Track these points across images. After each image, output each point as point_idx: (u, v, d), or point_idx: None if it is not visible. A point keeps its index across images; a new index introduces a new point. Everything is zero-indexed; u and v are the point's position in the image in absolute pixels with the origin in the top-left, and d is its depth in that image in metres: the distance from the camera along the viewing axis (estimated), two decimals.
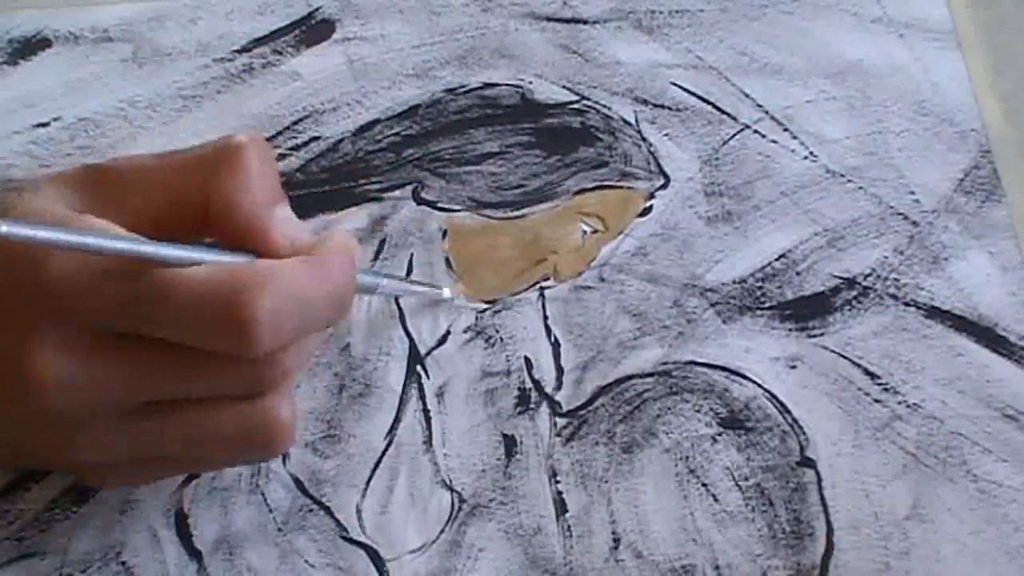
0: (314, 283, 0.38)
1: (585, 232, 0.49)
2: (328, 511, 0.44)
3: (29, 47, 0.54)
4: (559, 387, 0.46)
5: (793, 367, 0.46)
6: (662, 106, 0.52)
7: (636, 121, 0.52)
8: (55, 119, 0.52)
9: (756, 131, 0.52)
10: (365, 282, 0.44)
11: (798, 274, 0.48)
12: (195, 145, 0.40)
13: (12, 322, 0.37)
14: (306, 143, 0.51)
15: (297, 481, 0.44)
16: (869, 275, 0.48)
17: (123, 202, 0.39)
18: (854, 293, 0.48)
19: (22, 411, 0.38)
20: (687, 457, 0.45)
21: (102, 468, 0.41)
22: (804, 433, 0.45)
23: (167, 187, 0.39)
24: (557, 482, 0.44)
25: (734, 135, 0.52)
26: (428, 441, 0.45)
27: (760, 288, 0.48)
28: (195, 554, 0.43)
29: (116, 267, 0.36)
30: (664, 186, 0.50)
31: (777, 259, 0.49)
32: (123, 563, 0.43)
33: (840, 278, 0.48)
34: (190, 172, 0.39)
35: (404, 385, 0.46)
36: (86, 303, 0.36)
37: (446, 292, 0.48)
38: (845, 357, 0.47)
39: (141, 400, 0.38)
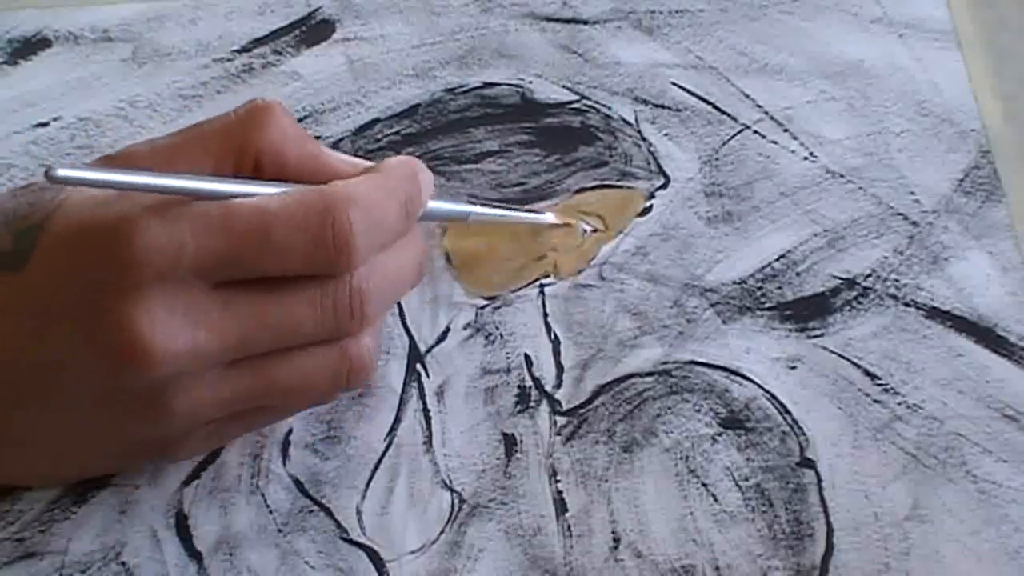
0: (385, 193, 0.40)
1: (585, 231, 0.49)
2: (328, 512, 0.44)
3: (29, 47, 0.54)
4: (559, 385, 0.46)
5: (793, 367, 0.46)
6: (662, 106, 0.52)
7: (636, 121, 0.52)
8: (55, 119, 0.52)
9: (756, 131, 0.52)
10: (456, 211, 0.45)
11: (798, 274, 0.48)
12: (203, 122, 0.40)
13: (107, 303, 0.36)
14: None
15: (297, 482, 0.44)
16: (869, 275, 0.48)
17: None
18: (854, 293, 0.48)
19: (118, 399, 0.38)
20: (687, 457, 0.45)
21: (191, 435, 0.41)
22: (804, 433, 0.45)
23: (202, 152, 0.39)
24: (557, 481, 0.44)
25: (734, 135, 0.52)
26: (428, 441, 0.45)
27: (760, 288, 0.48)
28: (195, 555, 0.43)
29: (205, 216, 0.37)
30: (664, 186, 0.50)
31: (777, 259, 0.49)
32: (123, 563, 0.43)
33: (840, 278, 0.48)
34: (225, 135, 0.40)
35: (404, 384, 0.46)
36: (186, 257, 0.36)
37: (549, 216, 0.48)
38: (845, 358, 0.47)
39: (244, 353, 0.39)
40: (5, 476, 0.43)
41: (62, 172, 0.33)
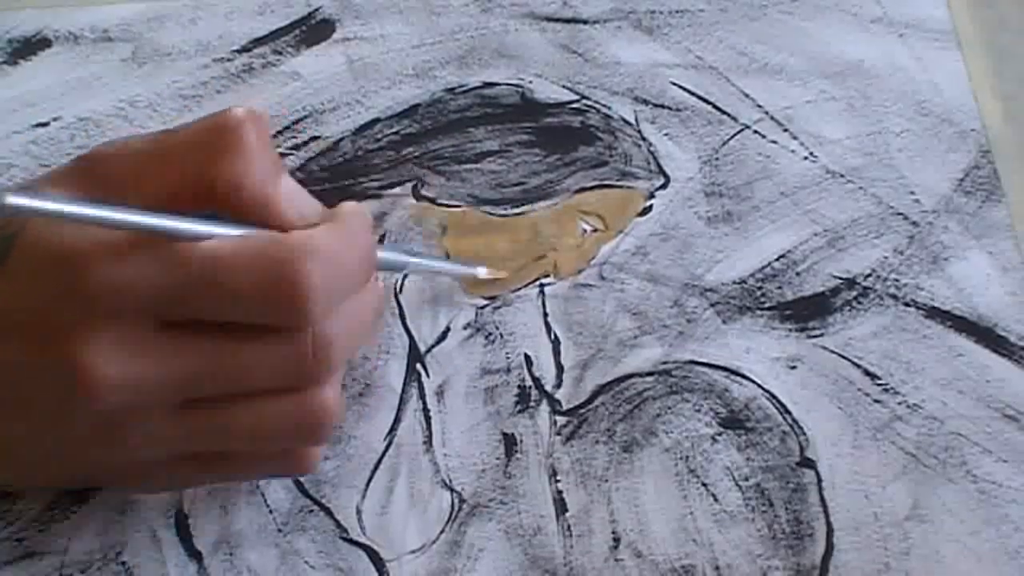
0: (344, 246, 0.38)
1: (585, 231, 0.49)
2: (328, 512, 0.44)
3: (29, 47, 0.54)
4: (559, 385, 0.46)
5: (793, 367, 0.46)
6: (662, 106, 0.52)
7: (636, 121, 0.52)
8: (55, 119, 0.52)
9: (756, 131, 0.52)
10: (396, 260, 0.44)
11: (798, 274, 0.48)
12: (190, 123, 0.40)
13: (56, 331, 0.36)
14: (306, 143, 0.51)
15: (297, 482, 0.44)
16: (869, 275, 0.48)
17: (123, 192, 0.38)
18: (854, 293, 0.48)
19: (73, 420, 0.38)
20: (687, 457, 0.45)
21: (153, 471, 0.40)
22: (804, 433, 0.45)
23: (167, 172, 0.39)
24: (557, 481, 0.44)
25: (734, 135, 0.52)
26: (428, 441, 0.45)
27: (760, 288, 0.48)
28: (195, 554, 0.43)
29: (159, 255, 0.36)
30: (664, 186, 0.50)
31: (777, 259, 0.49)
32: (123, 563, 0.43)
33: (840, 278, 0.48)
34: (189, 155, 0.39)
35: (404, 384, 0.46)
36: (136, 295, 0.36)
37: (481, 271, 0.47)
38: (845, 357, 0.47)
39: (194, 394, 0.38)
40: None
41: (13, 201, 0.31)
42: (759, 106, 0.52)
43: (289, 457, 0.42)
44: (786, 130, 0.52)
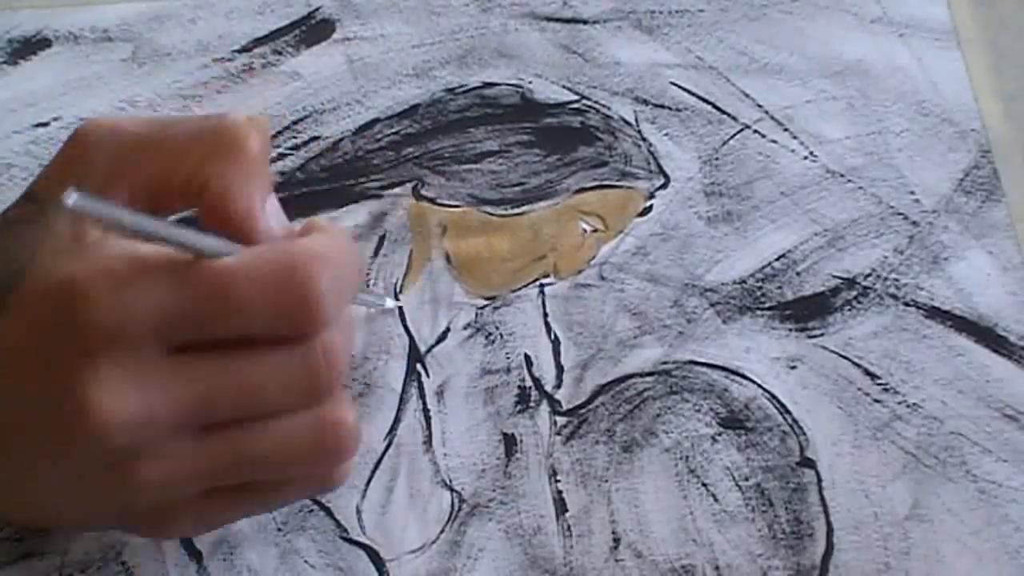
0: (342, 252, 0.38)
1: (585, 231, 0.49)
2: (328, 511, 0.44)
3: (29, 47, 0.54)
4: (559, 385, 0.46)
5: (793, 367, 0.46)
6: (662, 106, 0.52)
7: (636, 121, 0.52)
8: (55, 119, 0.52)
9: (756, 131, 0.52)
10: None
11: (798, 274, 0.48)
12: (190, 117, 0.39)
13: (60, 367, 0.35)
14: (306, 143, 0.51)
15: None
16: (869, 275, 0.48)
17: (112, 178, 0.38)
18: (854, 293, 0.48)
19: (85, 460, 0.37)
20: (687, 457, 0.45)
21: (178, 512, 0.39)
22: (804, 433, 0.45)
23: (161, 162, 0.38)
24: (557, 481, 0.44)
25: (734, 135, 0.52)
26: (428, 441, 0.45)
27: (760, 288, 0.48)
28: (195, 554, 0.43)
29: (161, 277, 0.35)
30: (664, 186, 0.50)
31: (777, 259, 0.49)
32: (123, 563, 0.43)
33: (840, 278, 0.48)
34: (187, 150, 0.38)
35: (404, 384, 0.46)
36: (143, 322, 0.35)
37: (389, 303, 0.47)
38: (845, 357, 0.47)
39: (208, 419, 0.37)
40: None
41: (74, 199, 0.32)
42: (759, 106, 0.52)
43: (316, 478, 0.41)
44: (786, 130, 0.52)
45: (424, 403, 0.46)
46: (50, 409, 0.36)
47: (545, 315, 0.47)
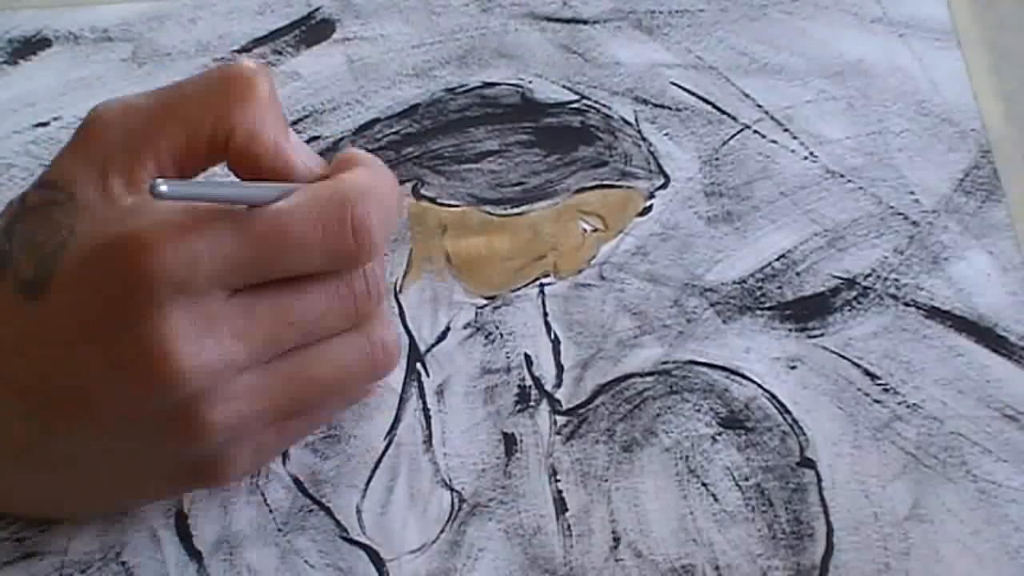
0: (383, 184, 0.40)
1: (585, 230, 0.49)
2: (328, 511, 0.44)
3: (29, 47, 0.54)
4: (559, 385, 0.46)
5: (793, 367, 0.46)
6: (662, 106, 0.52)
7: (636, 121, 0.52)
8: (55, 118, 0.52)
9: (756, 131, 0.52)
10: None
11: (798, 274, 0.48)
12: (195, 76, 0.40)
13: (126, 321, 0.36)
14: (306, 143, 0.51)
15: (297, 481, 0.44)
16: (869, 275, 0.48)
17: (137, 154, 0.38)
18: (854, 293, 0.48)
19: (156, 417, 0.37)
20: (687, 457, 0.45)
21: (234, 449, 0.40)
22: (804, 433, 0.45)
23: (181, 126, 0.39)
24: (557, 481, 0.44)
25: (734, 135, 0.52)
26: (428, 440, 0.45)
27: (760, 288, 0.48)
28: (195, 554, 0.43)
29: (221, 225, 0.37)
30: (664, 186, 0.50)
31: (777, 259, 0.49)
32: (123, 563, 0.43)
33: (840, 278, 0.48)
34: (203, 106, 0.39)
35: (404, 383, 0.46)
36: (202, 269, 0.36)
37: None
38: (845, 357, 0.47)
39: (274, 352, 0.39)
40: (45, 505, 0.42)
41: (164, 188, 0.33)
42: (759, 106, 0.52)
43: (360, 392, 0.44)
44: (786, 130, 0.52)
45: (424, 403, 0.46)
46: (122, 369, 0.36)
47: (545, 315, 0.47)
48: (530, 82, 0.53)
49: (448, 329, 0.47)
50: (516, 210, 0.50)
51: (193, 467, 0.40)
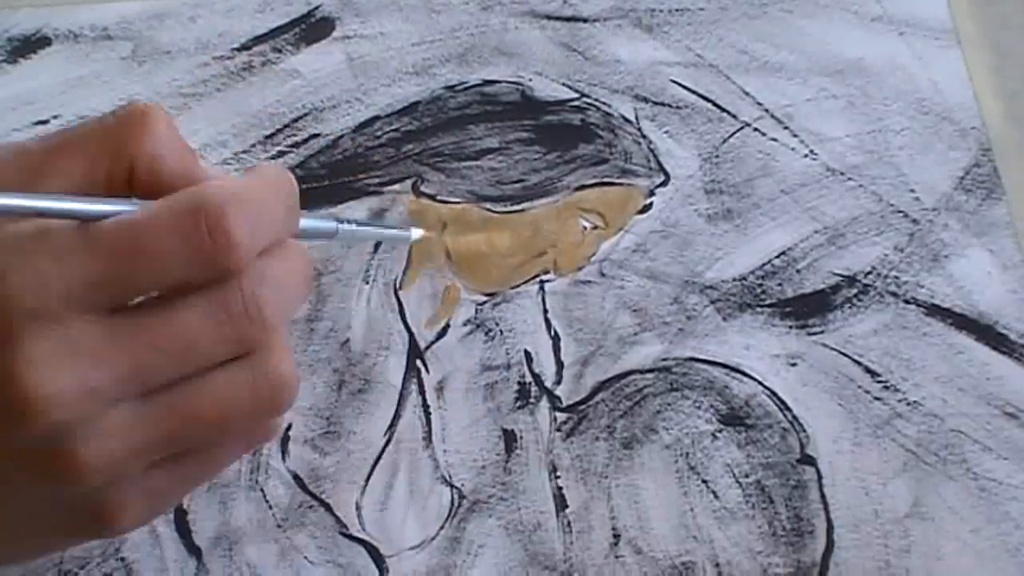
0: (261, 190, 0.37)
1: (585, 228, 0.49)
2: (327, 508, 0.44)
3: (29, 45, 0.54)
4: (559, 381, 0.46)
5: (793, 364, 0.46)
6: (662, 104, 0.52)
7: (636, 119, 0.52)
8: (55, 117, 0.52)
9: (756, 129, 0.52)
10: (324, 227, 0.42)
11: (798, 272, 0.48)
12: (79, 124, 0.38)
13: None
14: (306, 140, 0.51)
15: (296, 478, 0.44)
16: (869, 273, 0.48)
17: (39, 184, 0.36)
18: (854, 291, 0.48)
19: (18, 458, 0.35)
20: (687, 453, 0.45)
21: (117, 496, 0.37)
22: (804, 430, 0.45)
23: (76, 162, 0.36)
24: (557, 477, 0.44)
25: (734, 133, 0.52)
26: (428, 437, 0.45)
27: (760, 285, 0.48)
28: (194, 551, 0.43)
29: (66, 242, 0.34)
30: (664, 183, 0.50)
31: (777, 257, 0.49)
32: (122, 559, 0.43)
33: (840, 276, 0.48)
34: (99, 141, 0.37)
35: (404, 380, 0.46)
36: (53, 291, 0.33)
37: (415, 233, 0.47)
38: (845, 355, 0.47)
39: (143, 385, 0.35)
40: None
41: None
42: (759, 104, 0.52)
43: (256, 432, 0.39)
44: (786, 128, 0.52)
45: (424, 399, 0.46)
46: None
47: (545, 311, 0.47)
48: (530, 80, 0.53)
49: (448, 326, 0.47)
50: (516, 207, 0.50)
51: (80, 513, 0.37)
